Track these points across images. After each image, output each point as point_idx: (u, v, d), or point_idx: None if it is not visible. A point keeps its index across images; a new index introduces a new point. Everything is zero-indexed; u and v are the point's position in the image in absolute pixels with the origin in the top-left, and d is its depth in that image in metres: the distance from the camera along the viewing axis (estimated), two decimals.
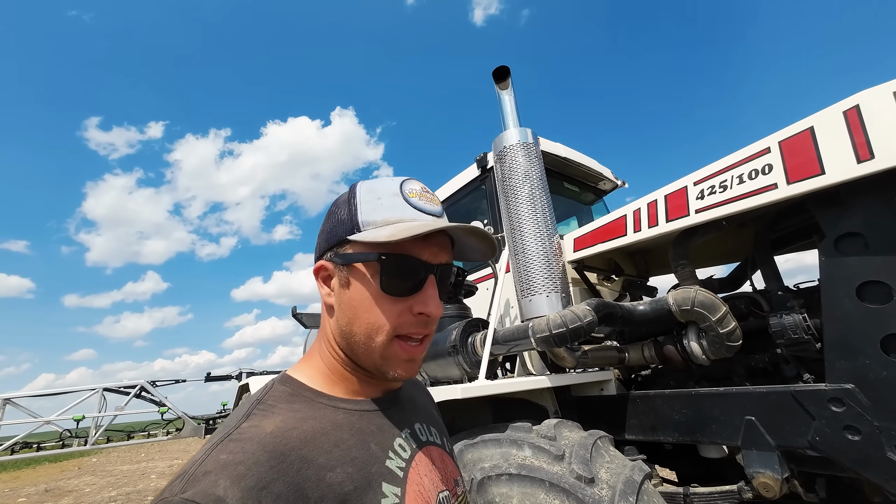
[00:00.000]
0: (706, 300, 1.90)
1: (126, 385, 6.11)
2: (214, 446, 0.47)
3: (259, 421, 0.51)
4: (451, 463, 0.71)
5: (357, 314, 0.58)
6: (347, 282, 0.59)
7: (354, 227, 0.58)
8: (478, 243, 0.66)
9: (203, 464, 0.44)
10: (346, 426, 0.56)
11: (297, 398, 0.56)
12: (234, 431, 0.49)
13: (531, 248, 2.27)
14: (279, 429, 0.50)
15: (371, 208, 0.58)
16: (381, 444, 0.58)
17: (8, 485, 11.98)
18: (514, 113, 2.63)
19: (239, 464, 0.44)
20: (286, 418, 0.52)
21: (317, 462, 0.49)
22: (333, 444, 0.52)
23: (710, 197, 1.91)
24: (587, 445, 1.56)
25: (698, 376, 2.20)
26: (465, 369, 2.29)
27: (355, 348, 0.59)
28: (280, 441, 0.48)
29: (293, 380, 0.59)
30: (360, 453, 0.54)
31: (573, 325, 1.85)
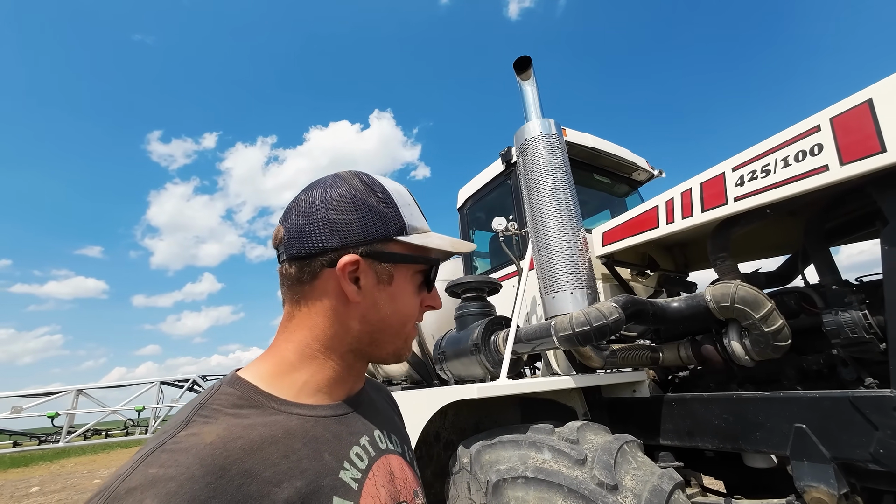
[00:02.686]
0: (748, 296, 1.74)
1: (180, 379, 6.58)
2: (144, 458, 0.42)
3: (199, 429, 0.46)
4: (411, 472, 0.67)
5: (396, 310, 0.61)
6: (390, 279, 0.60)
7: (403, 228, 0.60)
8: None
9: (128, 479, 0.39)
10: (300, 434, 0.52)
11: (245, 403, 0.51)
12: (170, 441, 0.43)
13: (555, 243, 2.19)
14: (220, 439, 0.45)
15: (408, 213, 0.62)
16: (337, 453, 0.54)
17: (86, 467, 13.28)
18: (536, 104, 2.55)
19: (170, 479, 0.39)
20: (231, 426, 0.47)
21: (261, 476, 0.45)
22: (282, 455, 0.48)
23: (750, 183, 1.75)
24: (611, 450, 1.47)
25: (741, 378, 2.02)
26: (487, 368, 2.25)
27: (381, 339, 0.62)
28: (220, 453, 0.43)
29: (243, 381, 0.54)
30: (311, 464, 0.50)
31: (598, 324, 1.76)
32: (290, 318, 0.59)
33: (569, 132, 3.06)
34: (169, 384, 6.50)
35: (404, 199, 0.63)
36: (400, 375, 4.42)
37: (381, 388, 0.81)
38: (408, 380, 4.34)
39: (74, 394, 5.81)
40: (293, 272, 0.57)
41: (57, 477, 11.57)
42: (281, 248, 0.58)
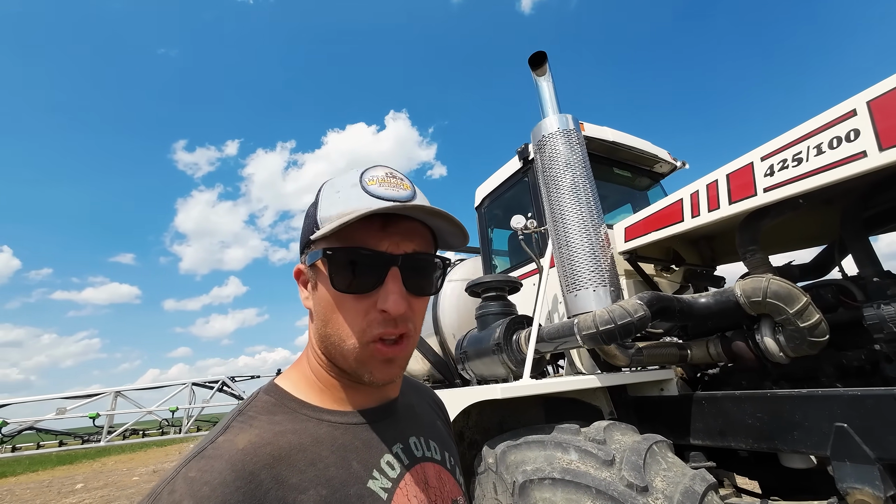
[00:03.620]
0: (781, 290, 1.68)
1: (210, 380, 6.82)
2: (186, 462, 0.45)
3: (234, 435, 0.48)
4: (452, 481, 0.64)
5: (328, 316, 0.54)
6: (315, 283, 0.56)
7: (314, 225, 0.54)
8: (444, 224, 0.57)
9: (171, 482, 0.43)
10: (328, 442, 0.52)
11: (279, 409, 0.53)
12: (209, 447, 0.46)
13: (575, 240, 2.15)
14: (251, 445, 0.47)
15: (329, 203, 0.54)
16: (366, 461, 0.53)
17: (126, 465, 13.89)
18: (553, 99, 2.51)
19: (205, 484, 0.42)
20: (262, 432, 0.49)
21: (288, 482, 0.46)
22: (309, 463, 0.48)
23: (781, 173, 1.68)
24: (640, 450, 1.44)
25: (776, 376, 1.95)
26: (510, 368, 2.24)
27: (332, 351, 0.55)
28: (250, 459, 0.45)
29: (279, 389, 0.56)
30: (338, 472, 0.50)
31: (622, 322, 1.73)
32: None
33: (587, 126, 3.00)
34: (200, 385, 6.75)
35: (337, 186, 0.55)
36: (422, 375, 4.44)
37: (423, 391, 0.78)
38: (430, 379, 4.36)
39: (113, 395, 6.10)
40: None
41: (99, 474, 12.16)
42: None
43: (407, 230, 0.55)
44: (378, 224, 0.52)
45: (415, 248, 0.56)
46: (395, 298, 0.52)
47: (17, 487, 10.82)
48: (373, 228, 0.52)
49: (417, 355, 4.04)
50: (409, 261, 0.54)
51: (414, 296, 0.55)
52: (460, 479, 0.68)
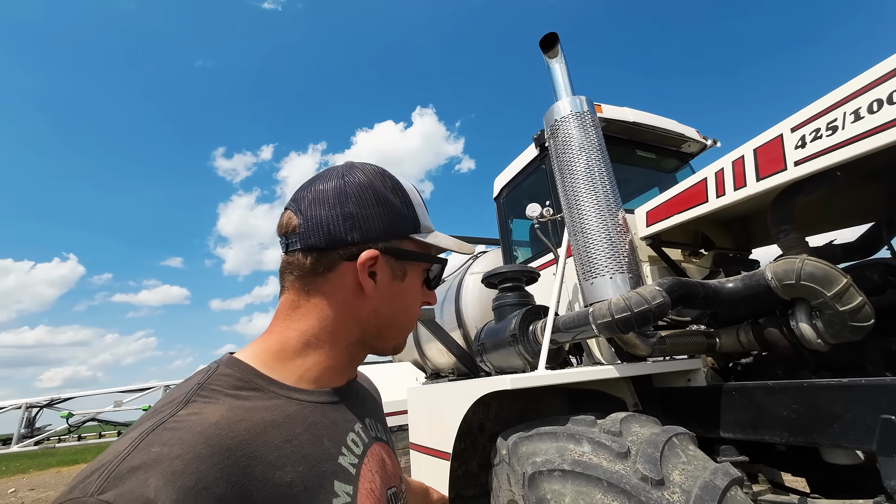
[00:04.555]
0: (817, 271, 1.54)
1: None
2: (144, 435, 0.39)
3: (200, 409, 0.44)
4: (395, 460, 0.69)
5: (406, 304, 0.64)
6: (404, 274, 0.62)
7: (418, 227, 0.62)
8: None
9: (129, 457, 0.37)
10: (300, 419, 0.51)
11: (245, 385, 0.50)
12: (170, 419, 0.41)
13: (591, 226, 2.07)
14: (225, 419, 0.43)
15: (422, 213, 0.64)
16: (335, 439, 0.54)
17: None
18: (565, 82, 2.42)
19: (176, 458, 0.37)
20: (233, 407, 0.46)
21: (266, 459, 0.44)
22: (285, 440, 0.47)
23: (813, 144, 1.54)
24: (657, 443, 1.37)
25: (814, 365, 1.80)
26: (526, 359, 2.20)
27: (388, 332, 0.64)
28: (226, 434, 0.42)
29: (242, 363, 0.53)
30: (312, 450, 0.50)
31: (639, 309, 1.65)
32: (294, 306, 0.58)
33: (605, 108, 2.88)
34: None
35: (416, 197, 0.64)
36: (447, 368, 4.46)
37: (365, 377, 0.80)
38: (455, 371, 4.37)
39: (163, 389, 6.54)
40: (308, 263, 0.56)
41: None
42: (294, 238, 0.56)
43: None
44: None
45: None
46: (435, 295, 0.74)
47: None
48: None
49: (442, 348, 4.06)
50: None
51: None
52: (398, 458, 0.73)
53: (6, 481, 11.87)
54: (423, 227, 0.63)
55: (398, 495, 0.62)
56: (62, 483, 10.66)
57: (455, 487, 2.35)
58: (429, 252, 0.65)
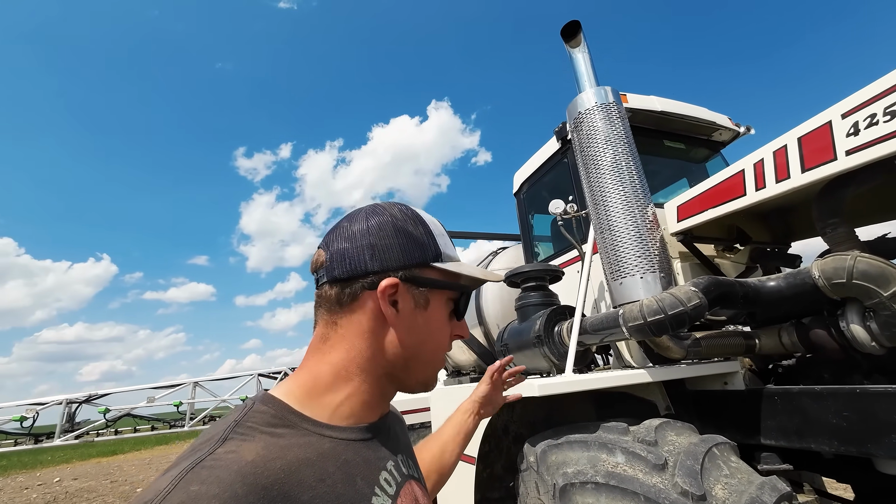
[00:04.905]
0: (871, 269, 1.43)
1: (274, 371, 7.33)
2: (184, 474, 0.40)
3: (237, 446, 0.44)
4: (425, 496, 0.66)
5: (431, 334, 0.62)
6: (426, 303, 0.61)
7: (439, 255, 0.62)
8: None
9: (169, 496, 0.38)
10: (332, 457, 0.50)
11: (279, 422, 0.50)
12: (208, 457, 0.42)
13: (619, 223, 1.99)
14: (261, 457, 0.44)
15: (444, 242, 0.64)
16: (368, 478, 0.52)
17: None
18: (589, 72, 2.32)
19: (213, 497, 0.38)
20: (268, 445, 0.46)
21: (300, 499, 0.44)
22: (318, 479, 0.47)
23: (868, 131, 1.41)
24: (697, 454, 1.30)
25: (867, 368, 1.67)
26: (552, 361, 2.13)
27: (415, 365, 0.61)
28: (261, 472, 0.42)
29: (276, 400, 0.53)
30: (345, 489, 0.48)
31: (673, 311, 1.56)
32: (324, 339, 0.59)
33: (630, 97, 2.75)
34: (265, 376, 7.29)
35: (438, 229, 0.65)
36: (468, 366, 4.43)
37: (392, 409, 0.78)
38: (476, 369, 4.33)
39: (192, 385, 6.76)
40: (333, 294, 0.58)
41: None
42: (322, 272, 0.59)
43: None
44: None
45: None
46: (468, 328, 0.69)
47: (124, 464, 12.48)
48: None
49: (462, 346, 4.03)
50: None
51: None
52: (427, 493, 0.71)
53: (51, 471, 12.57)
54: (444, 255, 0.63)
55: None
56: (102, 473, 11.22)
57: (480, 490, 2.32)
58: (452, 280, 0.64)
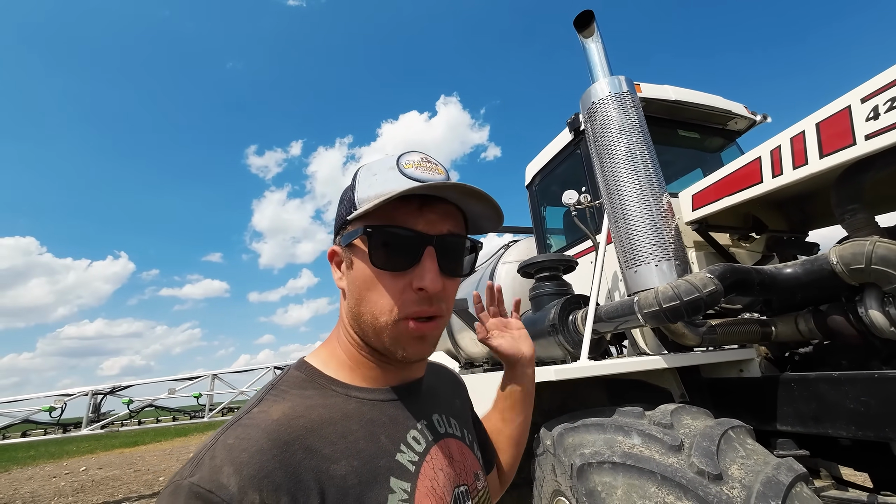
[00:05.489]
0: (891, 254, 1.43)
1: (288, 364, 7.51)
2: (224, 430, 0.47)
3: (268, 406, 0.50)
4: (472, 456, 0.66)
5: (362, 294, 0.56)
6: (351, 262, 0.57)
7: (352, 206, 0.56)
8: (483, 208, 0.58)
9: (212, 448, 0.44)
10: (356, 416, 0.53)
11: (309, 384, 0.55)
12: (245, 416, 0.49)
13: (634, 212, 2.00)
14: (285, 416, 0.49)
15: (367, 185, 0.56)
16: (393, 436, 0.55)
17: None
18: (603, 62, 2.33)
19: (243, 451, 0.43)
20: (295, 405, 0.51)
21: (321, 453, 0.48)
22: (340, 436, 0.50)
23: (889, 115, 1.40)
24: (713, 436, 1.32)
25: (886, 354, 1.67)
26: (567, 349, 2.16)
27: (365, 329, 0.56)
28: (284, 429, 0.47)
29: (308, 365, 0.58)
30: (367, 445, 0.51)
31: (689, 298, 1.58)
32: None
33: (644, 87, 2.74)
34: (280, 369, 7.47)
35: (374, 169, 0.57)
36: (481, 357, 4.47)
37: (444, 372, 0.80)
38: (489, 361, 4.38)
39: (211, 378, 6.94)
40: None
41: None
42: None
43: (442, 212, 0.56)
44: (415, 205, 0.54)
45: (449, 229, 0.57)
46: (433, 276, 0.53)
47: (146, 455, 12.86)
48: (410, 209, 0.54)
49: (475, 338, 4.07)
50: (444, 242, 0.56)
51: (447, 277, 0.56)
52: (478, 454, 0.70)
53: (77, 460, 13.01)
54: (358, 200, 0.55)
55: (471, 493, 0.61)
56: (125, 463, 11.58)
57: None
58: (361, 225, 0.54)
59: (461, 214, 0.60)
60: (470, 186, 0.54)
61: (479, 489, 0.64)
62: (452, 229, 0.57)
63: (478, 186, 0.55)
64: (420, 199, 0.54)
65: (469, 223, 0.62)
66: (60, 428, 6.47)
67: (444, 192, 0.54)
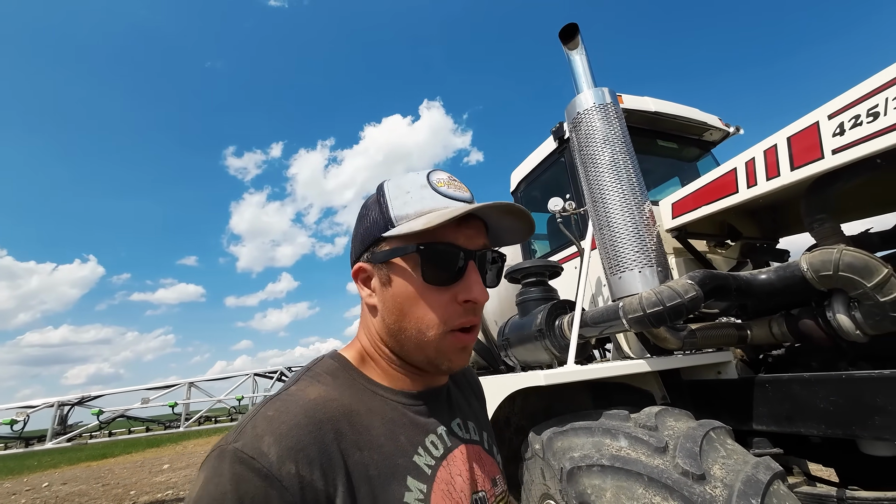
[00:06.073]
0: (856, 261, 1.51)
1: (270, 371, 7.31)
2: (265, 403, 0.51)
3: (305, 387, 0.54)
4: (491, 461, 0.68)
5: (405, 311, 0.57)
6: (389, 279, 0.57)
7: (388, 223, 0.57)
8: (514, 223, 0.62)
9: (254, 418, 0.48)
10: (379, 413, 0.56)
11: (341, 373, 0.58)
12: (284, 393, 0.53)
13: (618, 219, 2.06)
14: (321, 397, 0.52)
15: (402, 203, 0.57)
16: (411, 438, 0.56)
17: (202, 447, 15.34)
18: (587, 73, 2.39)
19: (282, 423, 0.47)
20: (329, 389, 0.54)
21: (349, 438, 0.50)
22: (365, 427, 0.53)
23: (853, 131, 1.50)
24: (696, 437, 1.37)
25: (853, 356, 1.77)
26: (553, 353, 2.20)
27: (406, 345, 0.58)
28: (320, 409, 0.50)
29: (342, 357, 0.62)
30: (386, 442, 0.53)
31: (672, 303, 1.64)
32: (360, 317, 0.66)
33: (625, 98, 2.83)
34: (261, 375, 7.28)
35: (405, 187, 0.59)
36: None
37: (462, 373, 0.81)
38: (474, 365, 4.40)
39: (187, 386, 6.71)
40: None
41: (182, 455, 13.53)
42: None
43: (476, 228, 0.60)
44: (455, 223, 0.56)
45: (483, 244, 0.60)
46: (480, 288, 0.57)
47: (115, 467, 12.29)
48: (450, 226, 0.55)
49: None
50: (482, 256, 0.59)
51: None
52: (498, 458, 0.71)
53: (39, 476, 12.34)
54: (395, 218, 0.56)
55: (486, 499, 0.62)
56: (93, 477, 11.05)
57: None
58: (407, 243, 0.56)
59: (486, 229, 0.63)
60: (513, 205, 0.58)
61: (497, 495, 0.65)
62: (485, 244, 0.61)
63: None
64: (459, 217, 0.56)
65: (490, 235, 0.65)
66: (23, 442, 6.12)
67: (483, 211, 0.58)
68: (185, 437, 18.53)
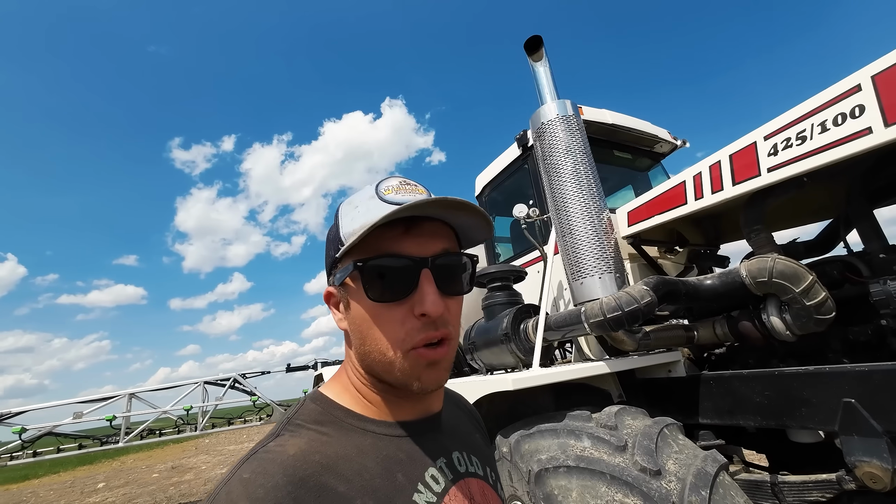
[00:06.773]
0: (787, 269, 1.68)
1: (222, 378, 6.91)
2: (241, 463, 0.47)
3: (285, 441, 0.50)
4: (494, 496, 0.64)
5: (364, 332, 0.54)
6: (348, 302, 0.55)
7: (338, 243, 0.53)
8: (469, 219, 0.56)
9: (228, 483, 0.44)
10: (372, 452, 0.52)
11: (325, 417, 0.54)
12: (261, 450, 0.48)
13: (579, 227, 2.15)
14: (301, 452, 0.48)
15: (350, 219, 0.54)
16: (410, 474, 0.53)
17: (144, 462, 14.24)
18: (550, 85, 2.48)
19: (259, 486, 0.43)
20: (311, 440, 0.50)
21: (336, 491, 0.46)
22: (356, 473, 0.49)
23: (785, 152, 1.67)
24: (651, 435, 1.47)
25: (782, 354, 1.97)
26: (518, 357, 2.26)
27: (374, 367, 0.55)
28: (301, 465, 0.46)
29: (324, 398, 0.57)
30: (383, 483, 0.50)
31: (629, 308, 1.74)
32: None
33: (585, 110, 2.97)
34: (212, 383, 6.85)
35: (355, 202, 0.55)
36: None
37: (462, 404, 0.78)
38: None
39: (127, 398, 6.19)
40: None
41: (120, 472, 12.48)
42: None
43: (431, 232, 0.54)
44: (401, 230, 0.52)
45: (444, 247, 0.55)
46: (433, 299, 0.51)
47: (40, 489, 11.10)
48: (395, 234, 0.52)
49: None
50: (439, 262, 0.53)
51: (448, 297, 0.54)
52: (502, 493, 0.68)
53: None
54: (345, 236, 0.53)
55: None
56: (12, 501, 9.92)
57: None
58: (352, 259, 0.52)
59: (451, 231, 0.58)
60: (451, 199, 0.51)
61: None
62: (446, 247, 0.55)
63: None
64: (405, 223, 0.52)
65: (461, 237, 0.60)
66: None
67: (426, 211, 0.52)
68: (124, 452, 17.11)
